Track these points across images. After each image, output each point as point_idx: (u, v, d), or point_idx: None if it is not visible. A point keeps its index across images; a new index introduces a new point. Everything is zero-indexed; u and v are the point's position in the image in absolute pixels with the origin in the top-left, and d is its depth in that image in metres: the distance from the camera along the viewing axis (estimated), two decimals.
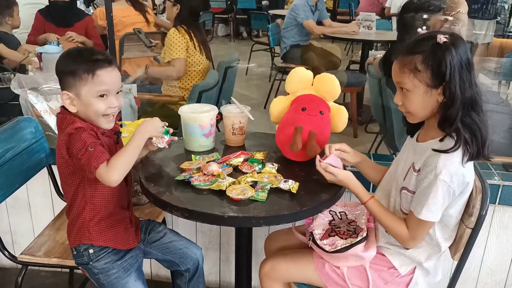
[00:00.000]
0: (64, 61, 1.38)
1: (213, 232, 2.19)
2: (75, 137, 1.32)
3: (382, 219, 1.38)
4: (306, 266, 1.50)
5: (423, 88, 1.26)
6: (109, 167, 1.30)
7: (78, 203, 1.46)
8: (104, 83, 1.36)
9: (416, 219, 1.30)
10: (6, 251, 1.61)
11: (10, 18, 3.16)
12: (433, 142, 1.31)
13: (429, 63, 1.23)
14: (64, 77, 1.36)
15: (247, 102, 1.79)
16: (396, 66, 1.30)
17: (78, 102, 1.37)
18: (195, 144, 1.68)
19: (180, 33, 2.78)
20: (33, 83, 2.01)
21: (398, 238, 1.37)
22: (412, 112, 1.32)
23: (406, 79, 1.27)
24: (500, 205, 1.88)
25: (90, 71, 1.34)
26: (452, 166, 1.24)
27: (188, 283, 1.70)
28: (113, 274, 1.48)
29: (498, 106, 2.84)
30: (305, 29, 4.37)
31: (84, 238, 1.47)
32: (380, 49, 5.42)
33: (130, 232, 1.54)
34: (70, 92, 1.36)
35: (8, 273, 2.31)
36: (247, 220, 1.30)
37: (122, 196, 1.51)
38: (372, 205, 1.39)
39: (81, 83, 1.35)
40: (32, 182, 1.85)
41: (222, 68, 2.83)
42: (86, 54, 1.37)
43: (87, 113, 1.38)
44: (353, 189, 1.40)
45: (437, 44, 1.23)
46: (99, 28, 3.57)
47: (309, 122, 1.55)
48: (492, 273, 2.02)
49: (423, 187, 1.28)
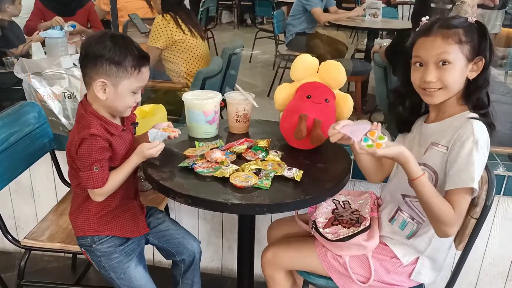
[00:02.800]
0: (106, 46, 1.32)
1: (215, 219, 2.19)
2: (86, 146, 1.32)
3: (432, 196, 1.23)
4: (308, 255, 1.50)
5: (464, 62, 1.28)
6: (102, 191, 1.37)
7: (85, 197, 1.47)
8: (144, 80, 1.39)
9: (464, 193, 1.23)
10: (9, 235, 1.62)
11: (11, 6, 3.14)
12: (454, 118, 1.33)
13: (471, 37, 1.27)
14: (105, 63, 1.32)
15: (251, 89, 1.78)
16: (437, 39, 1.28)
17: (112, 91, 1.35)
18: (199, 131, 1.67)
19: (164, 21, 2.76)
20: (37, 67, 1.99)
21: (443, 220, 1.24)
22: (449, 87, 1.30)
23: (452, 50, 1.27)
24: (505, 196, 1.87)
25: (137, 67, 1.34)
26: (485, 134, 1.27)
27: (183, 274, 1.69)
28: (115, 258, 1.49)
29: (504, 97, 2.82)
30: (312, 16, 4.34)
31: (89, 230, 1.48)
32: (385, 37, 5.37)
33: (140, 219, 1.55)
34: (108, 80, 1.33)
35: (11, 257, 2.32)
36: (251, 208, 1.29)
37: (129, 187, 1.51)
38: (424, 181, 1.23)
39: (124, 75, 1.34)
40: (35, 167, 1.85)
41: (226, 55, 2.81)
42: (132, 47, 1.35)
43: (115, 104, 1.38)
44: (405, 164, 1.23)
45: (471, 23, 1.29)
46: (101, 13, 3.54)
47: (314, 110, 1.54)
48: (495, 263, 2.02)
49: (464, 156, 1.23)
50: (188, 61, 2.84)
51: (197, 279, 1.72)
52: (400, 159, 1.23)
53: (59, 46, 2.33)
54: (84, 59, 1.36)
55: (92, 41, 1.34)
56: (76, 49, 2.54)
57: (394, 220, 1.45)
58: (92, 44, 1.33)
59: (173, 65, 2.85)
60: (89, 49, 1.34)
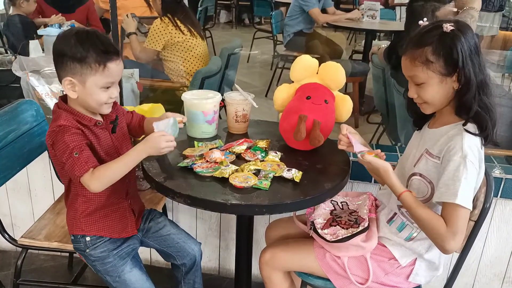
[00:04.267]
0: (69, 43, 1.28)
1: (213, 219, 2.19)
2: (58, 137, 1.29)
3: (418, 212, 1.27)
4: (306, 255, 1.49)
5: (437, 78, 1.26)
6: (93, 177, 1.28)
7: (72, 195, 1.46)
8: (112, 75, 1.33)
9: (452, 209, 1.22)
10: (6, 234, 1.61)
11: (25, 2, 3.15)
12: (449, 127, 1.31)
13: (440, 52, 1.23)
14: (69, 61, 1.29)
15: (249, 89, 1.78)
16: (407, 61, 1.29)
17: (81, 89, 1.32)
18: (198, 130, 1.66)
19: (163, 24, 2.76)
20: (35, 65, 1.99)
21: (436, 236, 1.25)
22: (429, 102, 1.31)
23: (419, 72, 1.27)
24: (502, 198, 1.88)
25: (101, 63, 1.29)
26: (476, 149, 1.25)
27: (185, 275, 1.69)
28: (109, 263, 1.48)
29: (501, 99, 2.83)
30: (310, 17, 4.35)
31: (76, 228, 1.47)
32: (383, 39, 5.38)
33: (129, 220, 1.52)
34: (73, 78, 1.30)
35: (7, 256, 2.31)
36: (250, 208, 1.29)
37: (120, 187, 1.44)
38: (407, 197, 1.29)
39: (89, 72, 1.29)
40: (32, 165, 1.84)
41: (225, 55, 2.81)
42: (96, 41, 1.29)
43: (87, 101, 1.34)
44: (387, 180, 1.32)
45: (445, 33, 1.23)
46: (99, 11, 3.53)
47: (314, 111, 1.54)
48: (491, 265, 2.03)
49: (451, 170, 1.24)
50: (187, 60, 2.83)
51: (198, 279, 1.72)
52: (380, 172, 1.32)
53: None
54: (54, 58, 1.34)
55: (57, 39, 1.32)
56: None
57: (393, 222, 1.45)
58: (57, 43, 1.31)
59: (172, 64, 2.85)
60: (55, 48, 1.32)
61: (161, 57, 2.87)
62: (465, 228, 1.24)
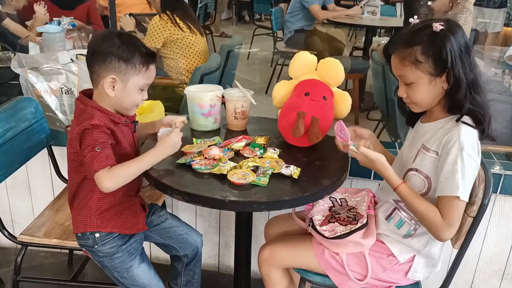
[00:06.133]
0: (114, 43, 1.34)
1: (212, 216, 2.19)
2: (89, 133, 1.32)
3: (414, 204, 1.29)
4: (305, 252, 1.50)
5: (427, 78, 1.26)
6: (109, 175, 1.29)
7: (85, 193, 1.46)
8: (150, 78, 1.42)
9: (448, 201, 1.24)
10: (5, 231, 1.62)
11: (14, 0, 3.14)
12: (445, 120, 1.31)
13: (429, 52, 1.23)
14: (114, 60, 1.34)
15: (248, 86, 1.78)
16: (396, 61, 1.29)
17: (121, 88, 1.37)
18: (194, 122, 1.69)
19: (162, 22, 2.75)
20: (34, 62, 1.98)
21: (432, 227, 1.28)
22: (418, 103, 1.32)
23: (408, 72, 1.27)
24: (501, 194, 1.88)
25: (145, 64, 1.37)
26: (474, 140, 1.25)
27: (186, 267, 1.71)
28: (118, 258, 1.49)
29: (501, 96, 2.83)
30: (310, 13, 4.34)
31: (90, 226, 1.47)
32: (383, 35, 5.36)
33: (140, 217, 1.54)
34: (117, 76, 1.35)
35: (7, 252, 2.31)
36: (248, 205, 1.29)
37: (132, 185, 1.47)
38: (404, 190, 1.30)
39: (133, 71, 1.36)
40: (32, 162, 1.85)
41: (225, 52, 2.80)
42: (140, 44, 1.38)
43: (123, 100, 1.40)
44: (383, 173, 1.33)
45: (434, 33, 1.23)
46: (100, 8, 3.52)
47: (312, 107, 1.54)
48: (490, 262, 2.03)
49: (450, 163, 1.24)
50: (187, 57, 2.83)
51: (198, 270, 1.74)
52: (376, 164, 1.32)
53: (57, 41, 2.32)
54: (92, 57, 1.37)
55: (99, 39, 1.36)
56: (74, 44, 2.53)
57: (391, 219, 1.45)
58: (100, 42, 1.35)
59: (172, 61, 2.84)
60: (97, 47, 1.36)
61: (161, 54, 2.86)
62: (460, 218, 1.28)
